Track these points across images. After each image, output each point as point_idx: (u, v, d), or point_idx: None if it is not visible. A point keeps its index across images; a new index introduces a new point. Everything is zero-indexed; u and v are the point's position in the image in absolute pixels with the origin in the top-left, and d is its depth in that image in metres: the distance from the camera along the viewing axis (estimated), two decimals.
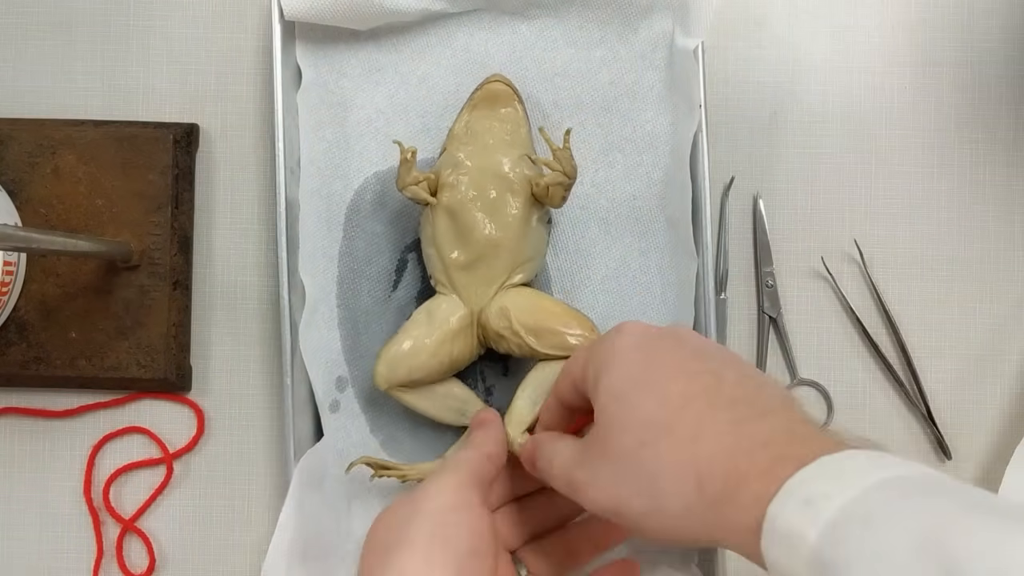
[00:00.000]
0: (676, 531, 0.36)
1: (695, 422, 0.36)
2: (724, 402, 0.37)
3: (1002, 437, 0.56)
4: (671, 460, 0.36)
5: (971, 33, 0.57)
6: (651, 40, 0.54)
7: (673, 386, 0.38)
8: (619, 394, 0.39)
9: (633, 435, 0.37)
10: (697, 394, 0.37)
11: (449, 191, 0.49)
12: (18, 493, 0.55)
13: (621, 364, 0.40)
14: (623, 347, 0.40)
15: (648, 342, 0.40)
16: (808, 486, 0.31)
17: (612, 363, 0.40)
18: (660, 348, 0.40)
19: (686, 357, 0.39)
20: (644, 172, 0.54)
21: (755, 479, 0.33)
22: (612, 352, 0.40)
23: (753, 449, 0.34)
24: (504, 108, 0.51)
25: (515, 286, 0.50)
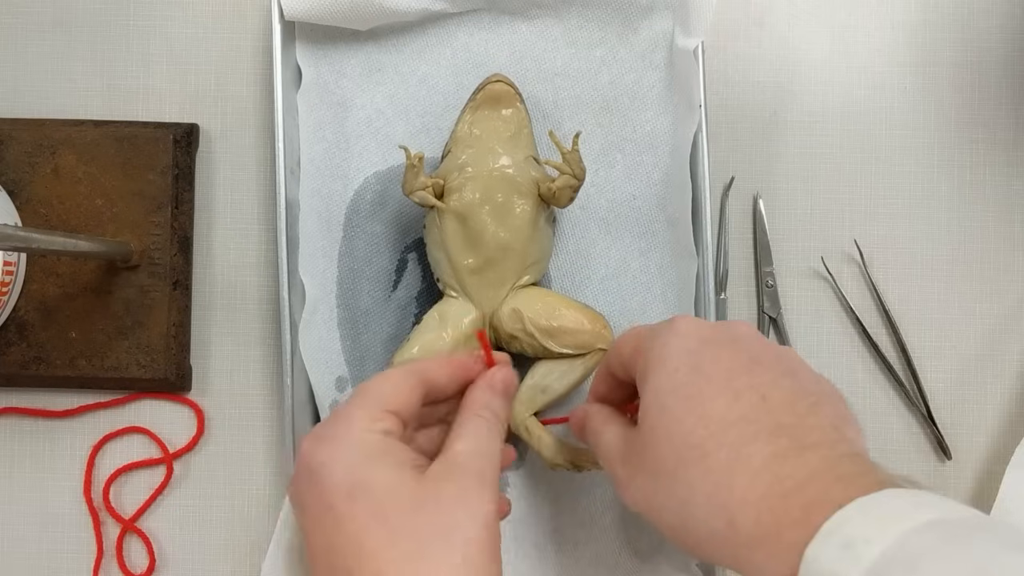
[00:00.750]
0: (703, 554, 0.36)
1: (733, 451, 0.35)
2: (766, 431, 0.35)
3: (1002, 437, 0.56)
4: (704, 491, 0.35)
5: (971, 33, 0.57)
6: (651, 40, 0.54)
7: (716, 405, 0.36)
8: (663, 404, 0.37)
9: (671, 452, 0.36)
10: (740, 418, 0.35)
11: (456, 195, 0.49)
12: (18, 493, 0.55)
13: (669, 370, 0.38)
14: (674, 351, 0.38)
15: (701, 347, 0.38)
16: (847, 528, 0.31)
17: (661, 366, 0.38)
18: (711, 357, 0.38)
19: (736, 369, 0.37)
20: (644, 172, 0.54)
21: (788, 527, 0.32)
22: (663, 353, 0.39)
23: (789, 493, 0.33)
24: (507, 109, 0.51)
25: (524, 287, 0.51)
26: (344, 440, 0.38)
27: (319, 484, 0.37)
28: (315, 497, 0.37)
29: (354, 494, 0.36)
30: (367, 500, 0.36)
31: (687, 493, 0.35)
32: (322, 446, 0.38)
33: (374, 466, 0.37)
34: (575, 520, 0.53)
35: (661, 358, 0.38)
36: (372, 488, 0.37)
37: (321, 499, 0.37)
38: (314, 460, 0.38)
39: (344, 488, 0.37)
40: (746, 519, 0.34)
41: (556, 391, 0.51)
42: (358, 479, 0.37)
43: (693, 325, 0.39)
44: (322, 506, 0.37)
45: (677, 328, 0.39)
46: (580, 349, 0.50)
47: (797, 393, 0.36)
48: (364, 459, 0.37)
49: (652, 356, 0.39)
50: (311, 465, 0.38)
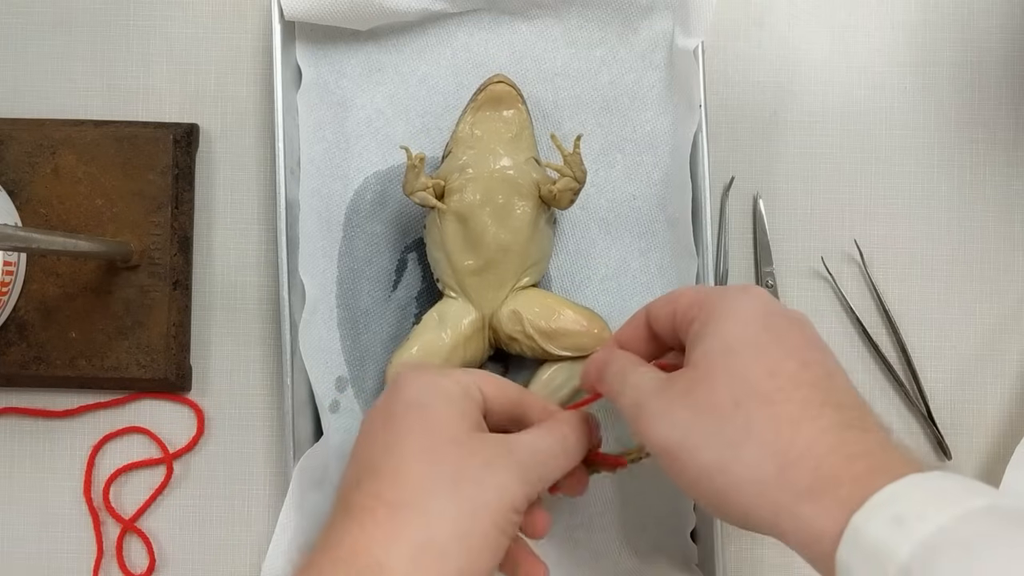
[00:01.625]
0: (731, 502, 0.35)
1: (801, 407, 0.35)
2: (834, 401, 0.35)
3: (1002, 437, 0.56)
4: (762, 434, 0.35)
5: (971, 33, 0.57)
6: (651, 40, 0.54)
7: (787, 365, 0.36)
8: (730, 349, 0.37)
9: (731, 392, 0.36)
10: (810, 383, 0.36)
11: (457, 196, 0.49)
12: (18, 493, 0.55)
13: (740, 322, 0.38)
14: (749, 308, 0.38)
15: (772, 313, 0.38)
16: (899, 503, 0.31)
17: (732, 317, 0.38)
18: (783, 325, 0.38)
19: (806, 344, 0.38)
20: (644, 172, 0.54)
21: (848, 483, 0.33)
22: (736, 306, 0.38)
23: (854, 456, 0.33)
24: (508, 110, 0.51)
25: (524, 288, 0.51)
26: (434, 377, 0.41)
27: (393, 393, 0.41)
28: (383, 404, 0.41)
29: (414, 408, 0.39)
30: (424, 416, 0.39)
31: (740, 434, 0.35)
32: (413, 374, 0.41)
33: (446, 403, 0.40)
34: (575, 520, 0.53)
35: (733, 310, 0.38)
36: (435, 412, 0.39)
37: (387, 406, 0.40)
38: (400, 377, 0.41)
39: (412, 399, 0.39)
40: (803, 469, 0.33)
41: (561, 397, 0.51)
42: (427, 401, 0.40)
43: (766, 293, 0.40)
44: (385, 412, 0.40)
45: (750, 291, 0.39)
46: (579, 351, 0.50)
47: (849, 384, 0.37)
48: (442, 395, 0.40)
49: (721, 308, 0.38)
50: (397, 380, 0.41)
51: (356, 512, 0.37)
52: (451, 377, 0.41)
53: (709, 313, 0.39)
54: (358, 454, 0.40)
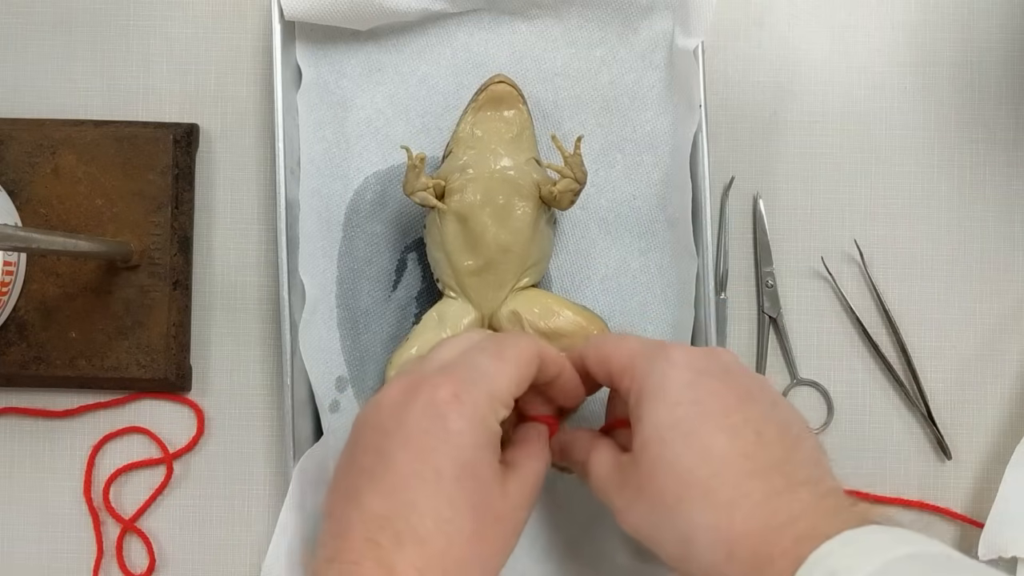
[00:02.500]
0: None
1: (733, 489, 0.37)
2: (763, 468, 0.37)
3: (1002, 437, 0.56)
4: (705, 525, 0.37)
5: (971, 33, 0.57)
6: (651, 40, 0.54)
7: (716, 442, 0.38)
8: (664, 439, 0.39)
9: (673, 487, 0.38)
10: (739, 455, 0.38)
11: (457, 196, 0.49)
12: (18, 493, 0.55)
13: (669, 403, 0.39)
14: (673, 383, 0.39)
15: (697, 380, 0.40)
16: (831, 560, 0.33)
17: (661, 398, 0.39)
18: (708, 390, 0.39)
19: (732, 404, 0.39)
20: (644, 172, 0.54)
21: (780, 557, 0.35)
22: (663, 384, 0.40)
23: (782, 526, 0.36)
24: (509, 110, 0.50)
25: (523, 288, 0.51)
26: (481, 408, 0.40)
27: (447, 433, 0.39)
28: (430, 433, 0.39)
29: (463, 474, 0.38)
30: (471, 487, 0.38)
31: (689, 528, 0.37)
32: (461, 403, 0.39)
33: (488, 455, 0.40)
34: (573, 520, 0.53)
35: (661, 389, 0.40)
36: (481, 479, 0.39)
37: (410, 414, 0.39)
38: (450, 411, 0.39)
39: (465, 458, 0.39)
40: (744, 551, 0.36)
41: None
42: (471, 459, 0.39)
43: (687, 355, 0.41)
44: (406, 424, 0.39)
45: (673, 359, 0.40)
46: None
47: (783, 427, 0.39)
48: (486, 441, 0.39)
49: (649, 385, 0.40)
50: (439, 400, 0.39)
51: (370, 549, 0.37)
52: (492, 408, 0.40)
53: (640, 390, 0.40)
54: (395, 483, 0.39)
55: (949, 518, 0.55)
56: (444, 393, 0.40)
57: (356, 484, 0.39)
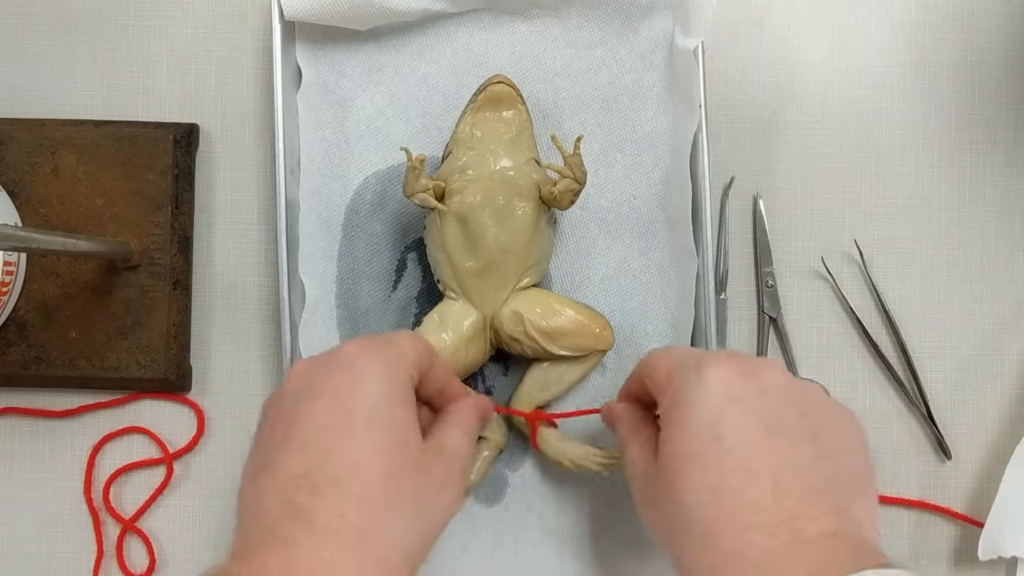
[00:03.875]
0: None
1: (734, 536, 0.36)
2: (770, 524, 0.36)
3: (1002, 437, 0.56)
4: (701, 564, 0.37)
5: (971, 33, 0.57)
6: (651, 40, 0.54)
7: (730, 484, 0.37)
8: (679, 468, 0.38)
9: (681, 515, 0.38)
10: (749, 504, 0.37)
11: (457, 197, 0.49)
12: (18, 493, 0.55)
13: (692, 433, 0.38)
14: (699, 411, 0.39)
15: (724, 408, 0.38)
16: None
17: (685, 423, 0.39)
18: (733, 424, 0.38)
19: (755, 443, 0.38)
20: (644, 172, 0.54)
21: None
22: (689, 408, 0.39)
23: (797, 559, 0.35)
24: (508, 111, 0.50)
25: (525, 288, 0.51)
26: (391, 368, 0.41)
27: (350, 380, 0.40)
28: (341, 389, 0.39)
29: (376, 416, 0.39)
30: (387, 431, 0.39)
31: (686, 556, 0.38)
32: (366, 354, 0.40)
33: (405, 409, 0.40)
34: (574, 519, 0.53)
35: (687, 415, 0.39)
36: (396, 425, 0.40)
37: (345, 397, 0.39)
38: (359, 360, 0.40)
39: (373, 402, 0.39)
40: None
41: (554, 391, 0.51)
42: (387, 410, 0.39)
43: (721, 377, 0.39)
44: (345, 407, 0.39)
45: (706, 380, 0.39)
46: (581, 351, 0.51)
47: (810, 470, 0.37)
48: (401, 398, 0.40)
49: (680, 404, 0.39)
50: (346, 354, 0.41)
51: (319, 528, 0.37)
52: (403, 367, 0.41)
53: (670, 408, 0.40)
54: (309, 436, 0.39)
55: (949, 518, 0.55)
56: (351, 348, 0.41)
57: (268, 458, 0.39)
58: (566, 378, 0.51)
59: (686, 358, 0.41)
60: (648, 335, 0.53)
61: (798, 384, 0.40)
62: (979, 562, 0.53)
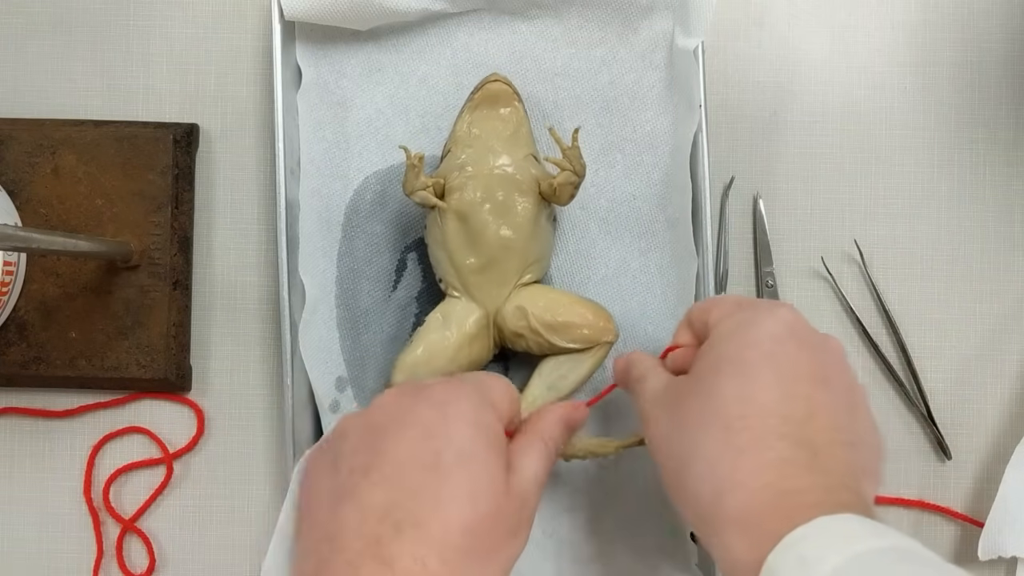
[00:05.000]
0: (682, 510, 0.39)
1: (754, 438, 0.36)
2: (794, 439, 0.36)
3: (1002, 437, 0.56)
4: (708, 456, 0.37)
5: (971, 33, 0.57)
6: (651, 40, 0.54)
7: (767, 395, 0.37)
8: (718, 369, 0.38)
9: (701, 410, 0.38)
10: (781, 415, 0.37)
11: (457, 195, 0.49)
12: (18, 493, 0.56)
13: (745, 342, 0.39)
14: (762, 331, 0.39)
15: (786, 338, 0.39)
16: (804, 544, 0.33)
17: (741, 335, 0.39)
18: (789, 353, 0.38)
19: (804, 377, 0.38)
20: (644, 172, 0.54)
21: (771, 519, 0.34)
22: (749, 327, 0.39)
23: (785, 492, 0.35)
24: (505, 108, 0.51)
25: (527, 284, 0.51)
26: (482, 408, 0.40)
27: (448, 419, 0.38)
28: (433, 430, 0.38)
29: (465, 460, 0.38)
30: (473, 477, 0.38)
31: (693, 452, 0.37)
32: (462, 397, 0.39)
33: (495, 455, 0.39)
34: (575, 521, 0.53)
35: (744, 329, 0.39)
36: (483, 471, 0.38)
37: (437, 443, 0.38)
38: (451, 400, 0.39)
39: (463, 447, 0.38)
40: (735, 499, 0.35)
41: (564, 388, 0.51)
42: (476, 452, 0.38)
43: (792, 317, 0.40)
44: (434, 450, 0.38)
45: (777, 312, 0.40)
46: (586, 343, 0.50)
47: (843, 428, 0.37)
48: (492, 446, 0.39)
49: (738, 323, 0.40)
50: (438, 397, 0.39)
51: (399, 573, 0.36)
52: (496, 413, 0.40)
53: (725, 330, 0.40)
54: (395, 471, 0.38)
55: (949, 518, 0.55)
56: (443, 388, 0.40)
57: (349, 484, 0.38)
58: (573, 376, 0.51)
59: (756, 301, 0.42)
60: (648, 335, 0.53)
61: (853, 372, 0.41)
62: (979, 562, 0.53)
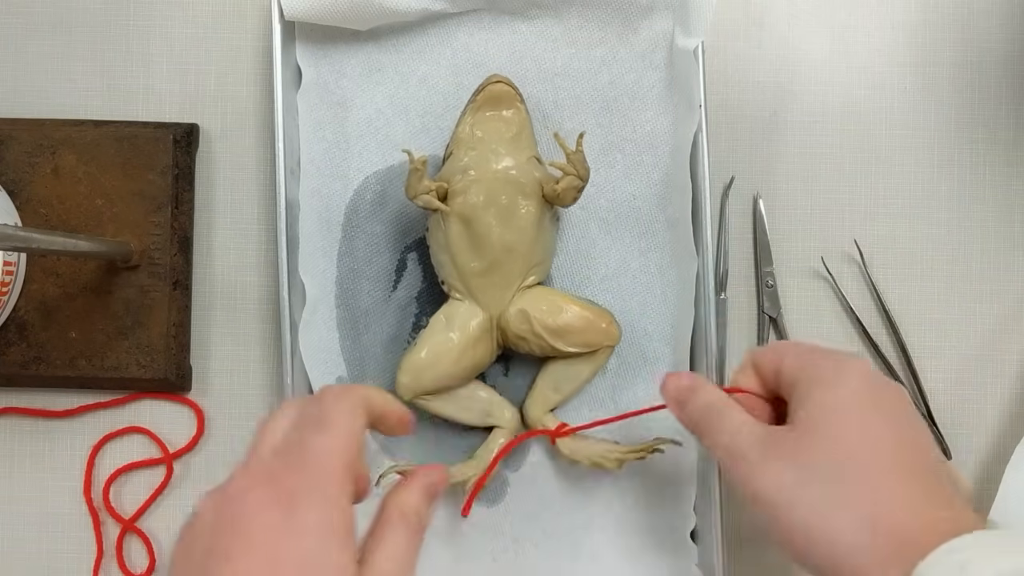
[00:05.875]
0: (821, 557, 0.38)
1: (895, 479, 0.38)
2: (921, 471, 0.38)
3: (1002, 437, 0.56)
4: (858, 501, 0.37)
5: (971, 33, 0.57)
6: (651, 40, 0.54)
7: (886, 435, 0.39)
8: (834, 417, 0.40)
9: (833, 457, 0.39)
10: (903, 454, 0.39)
11: (460, 198, 0.49)
12: (18, 493, 0.55)
13: (845, 390, 0.40)
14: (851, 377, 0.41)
15: (874, 385, 0.41)
16: (965, 552, 0.34)
17: (835, 385, 0.40)
18: (883, 397, 0.41)
19: (903, 415, 0.40)
20: (644, 172, 0.54)
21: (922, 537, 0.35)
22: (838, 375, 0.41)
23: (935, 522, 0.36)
24: (507, 110, 0.51)
25: (530, 287, 0.51)
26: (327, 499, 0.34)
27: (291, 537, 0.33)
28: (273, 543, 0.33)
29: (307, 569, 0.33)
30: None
31: (837, 500, 0.38)
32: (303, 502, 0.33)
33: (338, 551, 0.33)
34: (573, 522, 0.53)
35: (838, 378, 0.40)
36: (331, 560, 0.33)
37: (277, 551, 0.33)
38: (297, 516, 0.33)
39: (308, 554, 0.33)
40: (892, 538, 0.36)
41: (567, 391, 0.52)
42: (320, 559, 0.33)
43: (869, 364, 0.42)
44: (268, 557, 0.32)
45: (855, 361, 0.42)
46: (588, 347, 0.51)
47: (941, 457, 0.42)
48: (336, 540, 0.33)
49: (826, 374, 0.41)
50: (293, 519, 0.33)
51: None
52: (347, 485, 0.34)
53: (814, 377, 0.41)
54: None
55: None
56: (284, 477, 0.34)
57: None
58: (579, 377, 0.52)
59: (823, 348, 0.43)
60: (648, 335, 0.53)
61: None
62: None
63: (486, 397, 0.52)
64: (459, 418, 0.52)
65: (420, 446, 0.53)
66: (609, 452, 0.51)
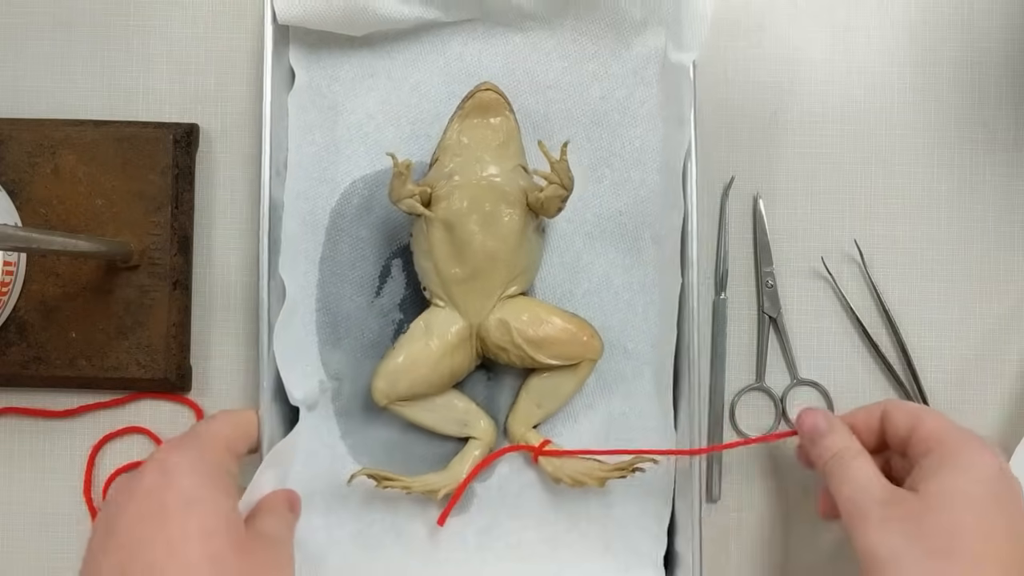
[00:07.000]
0: None
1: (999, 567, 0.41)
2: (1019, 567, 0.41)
3: (1002, 437, 0.56)
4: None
5: (971, 33, 0.57)
6: (644, 56, 0.53)
7: (1000, 532, 0.42)
8: (959, 501, 0.42)
9: (949, 540, 0.41)
10: (1012, 552, 0.41)
11: (444, 203, 0.49)
12: (18, 493, 0.56)
13: (975, 480, 0.43)
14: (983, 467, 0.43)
15: (1001, 478, 0.43)
16: None
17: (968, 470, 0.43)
18: (1006, 493, 0.43)
19: (1018, 514, 0.43)
20: (632, 188, 0.53)
21: None
22: (972, 462, 0.44)
23: None
24: (495, 118, 0.50)
25: (512, 297, 0.50)
26: (205, 454, 0.44)
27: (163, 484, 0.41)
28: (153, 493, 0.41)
29: (194, 505, 0.41)
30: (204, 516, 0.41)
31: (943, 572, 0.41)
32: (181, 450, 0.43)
33: (224, 496, 0.42)
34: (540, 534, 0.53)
35: (972, 464, 0.44)
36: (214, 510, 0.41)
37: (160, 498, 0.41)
38: (170, 457, 0.42)
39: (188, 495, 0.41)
40: None
41: (550, 407, 0.51)
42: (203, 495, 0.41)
43: (999, 455, 0.45)
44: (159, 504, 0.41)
45: (988, 451, 0.44)
46: (568, 360, 0.50)
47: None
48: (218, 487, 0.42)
49: (961, 456, 0.44)
50: (164, 458, 0.42)
51: None
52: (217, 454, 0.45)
53: (948, 455, 0.44)
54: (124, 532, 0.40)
55: None
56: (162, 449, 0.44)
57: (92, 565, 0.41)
58: (561, 392, 0.51)
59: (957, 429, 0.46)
60: (627, 353, 0.53)
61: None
62: None
63: (463, 407, 0.52)
64: (434, 427, 0.51)
65: (390, 454, 0.53)
66: (592, 471, 0.50)
